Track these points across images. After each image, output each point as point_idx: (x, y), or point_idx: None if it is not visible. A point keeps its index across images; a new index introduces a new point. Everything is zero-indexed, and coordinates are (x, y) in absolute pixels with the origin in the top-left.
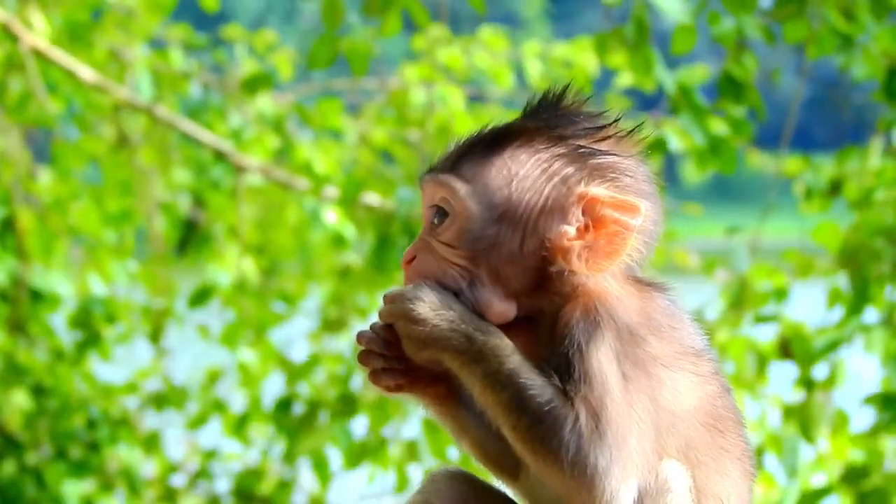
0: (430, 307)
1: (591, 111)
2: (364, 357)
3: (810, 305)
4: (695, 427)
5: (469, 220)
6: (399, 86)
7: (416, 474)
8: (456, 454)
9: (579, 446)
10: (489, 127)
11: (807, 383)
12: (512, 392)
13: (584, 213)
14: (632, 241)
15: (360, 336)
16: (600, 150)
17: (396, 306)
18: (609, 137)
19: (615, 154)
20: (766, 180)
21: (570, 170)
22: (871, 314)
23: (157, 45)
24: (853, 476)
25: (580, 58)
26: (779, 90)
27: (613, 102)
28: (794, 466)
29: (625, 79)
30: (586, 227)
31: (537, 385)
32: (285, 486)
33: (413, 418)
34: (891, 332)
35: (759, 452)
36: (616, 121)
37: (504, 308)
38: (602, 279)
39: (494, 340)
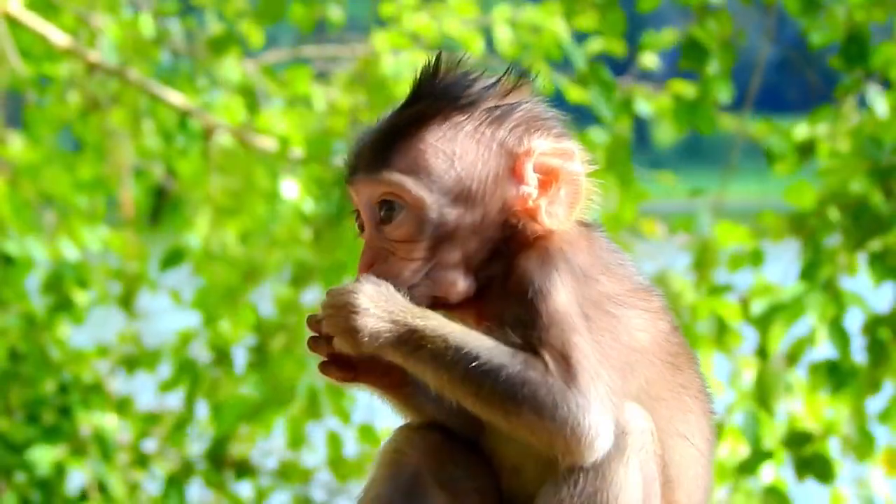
0: (371, 301)
1: (475, 71)
2: (313, 344)
3: (786, 268)
4: (653, 364)
5: (425, 209)
6: (368, 53)
7: None
8: None
9: (556, 390)
10: (390, 117)
11: (761, 350)
12: (466, 363)
13: (535, 170)
14: (585, 185)
15: (311, 320)
16: (514, 104)
17: (338, 299)
18: (511, 89)
19: (527, 102)
20: (732, 142)
21: (501, 133)
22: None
23: (127, 12)
24: (795, 441)
25: (549, 22)
26: (746, 52)
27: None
28: (754, 435)
29: (595, 45)
30: (543, 184)
31: (491, 348)
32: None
33: None
34: (829, 297)
35: (730, 411)
36: (507, 71)
37: (468, 285)
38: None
39: (433, 322)
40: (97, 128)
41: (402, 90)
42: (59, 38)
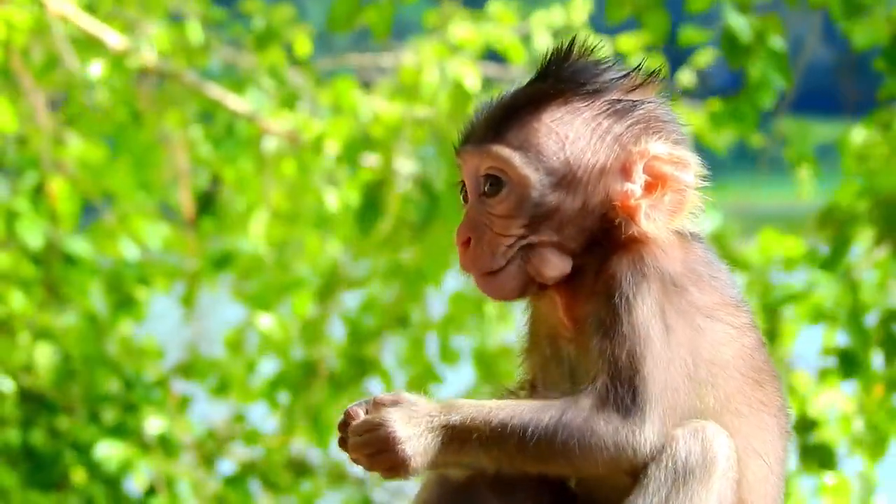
0: (404, 423)
1: (606, 60)
2: (343, 444)
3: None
4: (734, 378)
5: (529, 187)
6: (412, 62)
7: None
8: None
9: (613, 419)
10: (512, 92)
11: (769, 335)
12: (517, 435)
13: (644, 171)
14: (692, 197)
15: (342, 427)
16: (637, 101)
17: (371, 436)
18: (637, 85)
19: (651, 102)
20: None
21: (618, 127)
22: None
23: (175, 19)
24: (800, 428)
25: (579, 20)
26: (800, 55)
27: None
28: None
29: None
30: (649, 186)
31: (532, 408)
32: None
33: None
34: (845, 287)
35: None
36: (639, 66)
37: (563, 264)
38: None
39: (467, 410)
40: (149, 130)
41: (447, 101)
42: (113, 39)
